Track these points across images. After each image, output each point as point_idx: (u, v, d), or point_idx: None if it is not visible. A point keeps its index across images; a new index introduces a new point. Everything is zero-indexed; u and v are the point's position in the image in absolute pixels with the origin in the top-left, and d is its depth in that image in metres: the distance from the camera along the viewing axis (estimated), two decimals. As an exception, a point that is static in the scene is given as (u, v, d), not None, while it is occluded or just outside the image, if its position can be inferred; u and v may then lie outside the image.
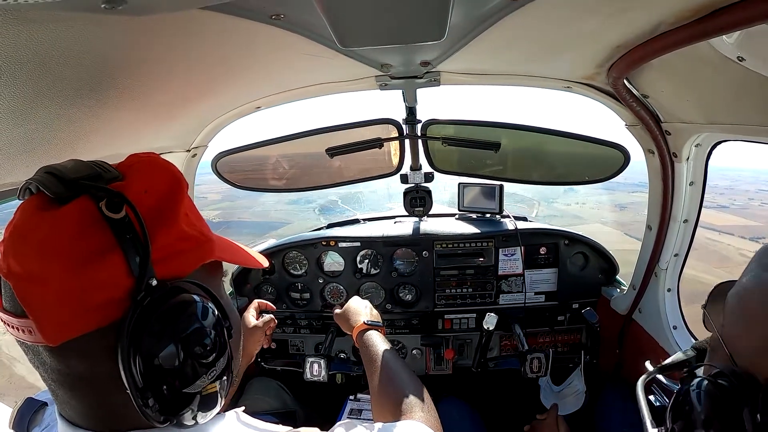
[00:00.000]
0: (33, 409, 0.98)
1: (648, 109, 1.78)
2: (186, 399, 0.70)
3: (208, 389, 0.73)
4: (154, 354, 0.66)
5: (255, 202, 44.11)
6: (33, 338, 0.65)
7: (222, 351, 0.75)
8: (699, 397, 0.74)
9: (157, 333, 0.67)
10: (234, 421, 0.88)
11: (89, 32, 0.88)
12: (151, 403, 0.67)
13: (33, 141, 1.11)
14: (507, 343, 2.87)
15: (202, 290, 0.77)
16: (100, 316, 0.66)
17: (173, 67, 1.26)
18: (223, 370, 0.76)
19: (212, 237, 0.85)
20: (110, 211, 0.66)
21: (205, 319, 0.73)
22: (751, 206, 56.40)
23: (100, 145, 1.40)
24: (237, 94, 1.94)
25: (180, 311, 0.70)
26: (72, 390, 0.71)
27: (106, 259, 0.66)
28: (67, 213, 0.65)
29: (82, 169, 0.71)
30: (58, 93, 1.01)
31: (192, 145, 2.18)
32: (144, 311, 0.67)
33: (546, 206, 45.25)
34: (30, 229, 0.65)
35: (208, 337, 0.72)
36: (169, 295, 0.71)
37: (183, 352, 0.69)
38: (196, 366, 0.70)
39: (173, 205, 0.76)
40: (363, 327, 1.59)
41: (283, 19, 1.11)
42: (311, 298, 2.87)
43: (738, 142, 1.64)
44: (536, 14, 1.16)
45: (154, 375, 0.66)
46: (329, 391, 2.85)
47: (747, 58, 1.07)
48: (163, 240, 0.72)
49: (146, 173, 0.76)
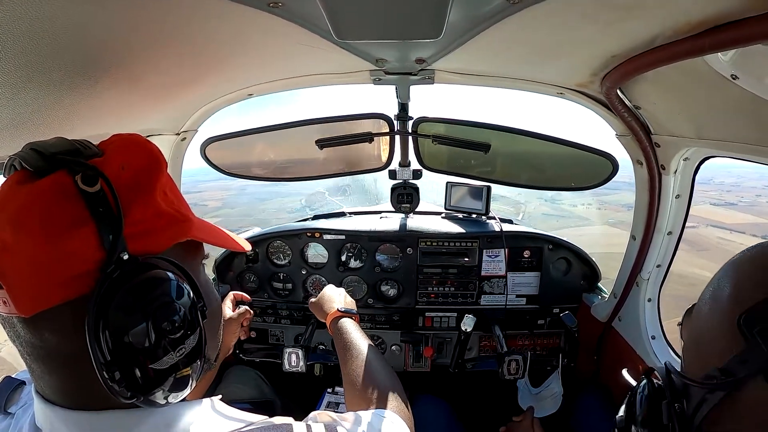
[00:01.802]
0: (11, 387, 0.97)
1: (639, 120, 1.79)
2: (155, 376, 0.70)
3: (182, 372, 0.73)
4: (121, 328, 0.66)
5: (255, 210, 43.46)
6: (7, 309, 0.65)
7: (192, 328, 0.75)
8: (639, 398, 0.85)
9: (125, 307, 0.67)
10: (208, 409, 0.87)
11: (82, 11, 0.86)
12: (117, 376, 0.66)
13: (21, 119, 1.09)
14: (486, 344, 2.89)
15: (175, 267, 0.77)
16: (71, 289, 0.66)
17: (166, 49, 1.24)
18: (194, 350, 0.75)
19: (191, 217, 0.85)
20: (85, 184, 0.66)
21: (174, 296, 0.73)
22: (759, 203, 56.37)
23: (89, 125, 1.38)
24: (230, 80, 1.92)
25: (149, 286, 0.70)
26: (45, 364, 0.71)
27: (79, 232, 0.66)
28: (43, 185, 0.66)
29: (63, 144, 0.71)
30: (47, 72, 0.99)
31: (182, 129, 2.16)
32: (113, 284, 0.67)
33: (550, 207, 44.90)
34: (6, 201, 0.66)
35: (177, 313, 0.72)
36: (140, 269, 0.71)
37: (150, 327, 0.68)
38: (163, 342, 0.70)
39: (149, 181, 0.76)
40: (337, 314, 1.60)
41: (281, 7, 1.09)
42: (293, 289, 2.86)
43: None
44: (534, 18, 1.16)
45: (120, 349, 0.66)
46: (308, 382, 2.85)
47: (741, 76, 1.08)
48: (137, 215, 0.72)
49: (125, 150, 0.76)
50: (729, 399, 0.69)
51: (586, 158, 2.27)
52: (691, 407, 0.75)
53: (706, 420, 0.72)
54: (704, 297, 0.80)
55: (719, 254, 9.12)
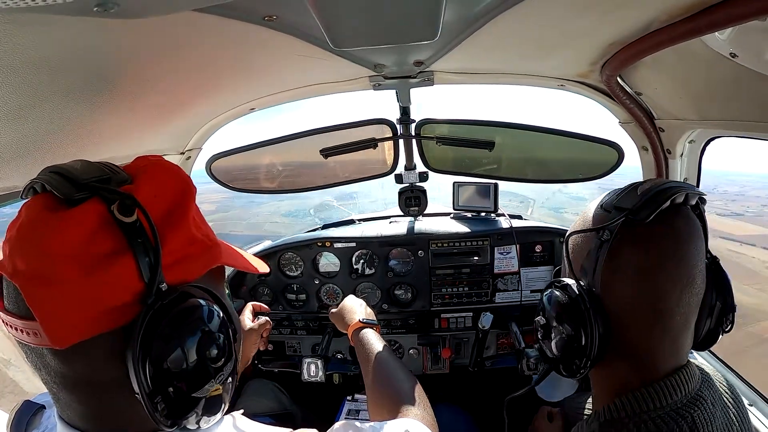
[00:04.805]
0: (31, 411, 0.97)
1: (641, 107, 1.78)
2: (196, 403, 0.71)
3: (212, 393, 0.73)
4: (165, 358, 0.66)
5: (249, 213, 43.36)
6: (38, 341, 0.64)
7: (230, 355, 0.76)
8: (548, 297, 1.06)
9: (168, 337, 0.67)
10: (230, 426, 0.87)
11: (82, 36, 0.88)
12: (161, 407, 0.67)
13: (26, 145, 1.11)
14: (504, 342, 2.87)
15: (209, 294, 0.77)
16: (109, 320, 0.66)
17: (166, 69, 1.26)
18: (230, 374, 0.76)
19: (218, 242, 0.86)
20: (122, 214, 0.66)
21: (214, 323, 0.73)
22: (766, 213, 54.96)
23: (94, 148, 1.39)
24: (231, 96, 1.93)
25: (190, 315, 0.71)
26: (75, 393, 0.71)
27: (118, 263, 0.66)
28: (78, 215, 0.65)
29: (92, 170, 0.71)
30: (51, 96, 1.01)
31: (186, 148, 2.17)
32: (155, 315, 0.67)
33: (555, 217, 44.63)
34: (39, 230, 0.64)
35: (218, 341, 0.73)
36: (180, 299, 0.71)
37: (194, 356, 0.69)
38: (206, 370, 0.71)
39: (183, 209, 0.77)
40: (358, 325, 1.59)
41: (275, 20, 1.11)
42: (307, 299, 2.86)
43: (738, 141, 1.65)
44: (529, 12, 1.16)
45: (164, 379, 0.66)
46: (327, 391, 2.84)
47: (739, 54, 1.08)
48: (172, 244, 0.73)
49: (156, 177, 0.76)
50: (608, 259, 0.91)
51: (591, 148, 2.25)
52: (587, 279, 0.96)
53: (603, 270, 0.92)
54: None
55: (731, 267, 9.15)
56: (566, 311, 0.96)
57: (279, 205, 41.33)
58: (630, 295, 0.91)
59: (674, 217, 0.90)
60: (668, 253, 0.89)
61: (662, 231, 0.89)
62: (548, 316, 1.03)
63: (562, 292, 0.99)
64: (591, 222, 0.99)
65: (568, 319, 0.96)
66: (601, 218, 0.96)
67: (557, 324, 0.99)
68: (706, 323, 0.97)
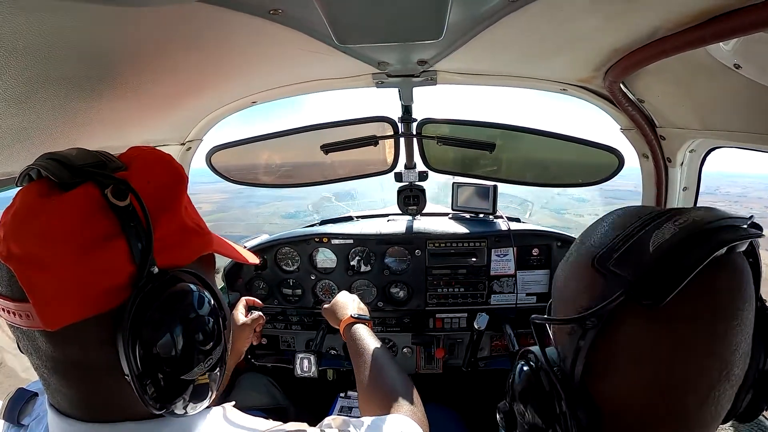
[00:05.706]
0: (24, 398, 0.97)
1: (643, 114, 1.79)
2: (184, 387, 0.71)
3: (200, 380, 0.74)
4: (154, 340, 0.67)
5: (248, 214, 43.07)
6: (30, 323, 0.65)
7: (219, 339, 0.76)
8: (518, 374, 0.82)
9: (158, 319, 0.68)
10: (221, 417, 0.88)
11: (86, 23, 0.88)
12: (150, 390, 0.68)
13: (28, 131, 1.11)
14: (498, 344, 2.87)
15: (199, 280, 0.78)
16: (100, 302, 0.67)
17: (169, 59, 1.26)
18: (218, 360, 0.77)
19: (209, 232, 0.87)
20: (116, 198, 0.67)
21: (203, 308, 0.74)
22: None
23: (95, 136, 1.39)
24: (233, 88, 1.93)
25: (181, 299, 0.72)
26: (65, 377, 0.72)
27: (110, 246, 0.67)
28: (72, 198, 0.66)
29: (87, 157, 0.72)
30: (53, 84, 1.01)
31: (187, 139, 2.17)
32: (146, 298, 0.68)
33: (556, 218, 44.45)
34: (33, 214, 0.65)
35: (207, 325, 0.74)
36: (170, 283, 0.72)
37: (183, 339, 0.70)
38: (194, 352, 0.71)
39: (175, 196, 0.78)
40: (350, 321, 1.59)
41: (281, 14, 1.10)
42: (303, 295, 2.86)
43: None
44: (534, 16, 1.16)
45: (153, 362, 0.67)
46: (320, 387, 2.84)
47: (744, 65, 1.08)
48: (164, 230, 0.74)
49: (149, 165, 0.77)
50: (601, 340, 0.64)
51: (592, 154, 2.25)
52: (568, 363, 0.69)
53: (586, 372, 0.67)
54: (562, 260, 0.79)
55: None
56: (536, 399, 0.73)
57: (279, 206, 41.25)
58: (631, 390, 0.64)
59: (716, 273, 0.60)
60: (699, 331, 0.60)
61: (694, 295, 0.59)
62: (515, 399, 0.80)
63: (533, 374, 0.75)
64: (575, 278, 0.73)
65: (538, 411, 0.72)
66: (587, 283, 0.69)
67: (523, 413, 0.77)
68: (749, 392, 0.68)
